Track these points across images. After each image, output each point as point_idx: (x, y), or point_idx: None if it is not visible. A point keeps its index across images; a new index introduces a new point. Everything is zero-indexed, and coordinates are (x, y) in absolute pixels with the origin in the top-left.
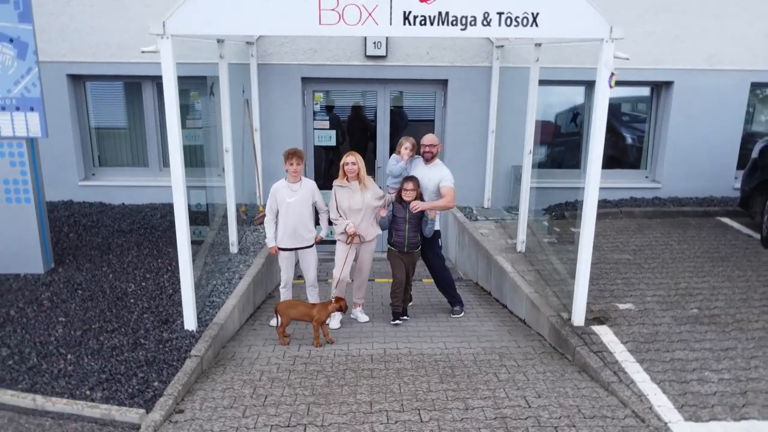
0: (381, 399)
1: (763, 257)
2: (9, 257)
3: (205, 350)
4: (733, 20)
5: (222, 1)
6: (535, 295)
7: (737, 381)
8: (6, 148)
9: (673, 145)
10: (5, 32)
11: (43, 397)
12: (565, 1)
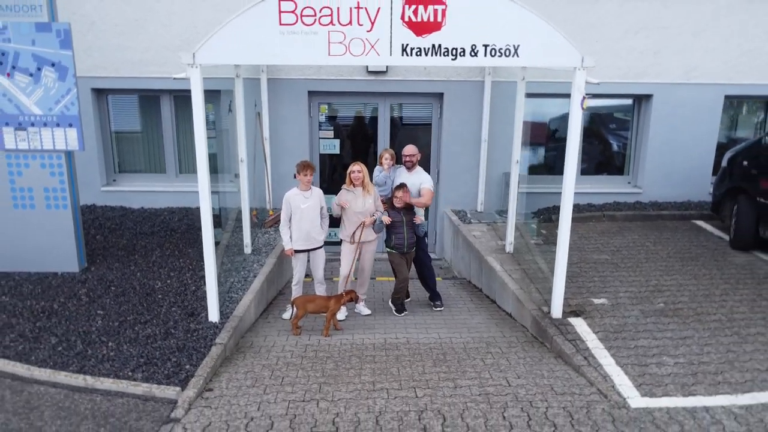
0: (382, 379)
1: (729, 257)
2: (48, 257)
3: (228, 339)
4: (709, 37)
5: (244, 36)
6: (520, 291)
7: (690, 364)
8: (47, 159)
9: (653, 153)
10: (48, 57)
11: (92, 377)
12: (543, 36)
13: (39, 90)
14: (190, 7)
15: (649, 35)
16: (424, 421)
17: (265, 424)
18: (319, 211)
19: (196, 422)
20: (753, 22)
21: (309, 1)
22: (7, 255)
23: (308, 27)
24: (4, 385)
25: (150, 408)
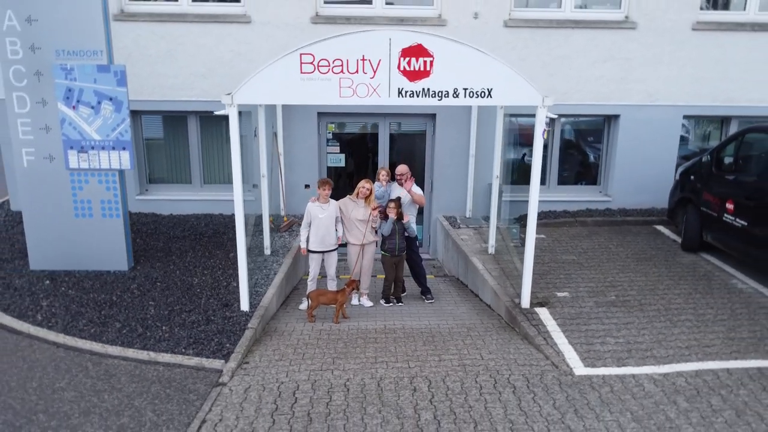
0: (382, 355)
1: (678, 258)
2: (102, 258)
3: (257, 324)
4: (667, 66)
5: (272, 82)
6: (498, 286)
7: (627, 343)
8: (103, 177)
9: (621, 165)
10: (106, 93)
11: (154, 353)
12: (510, 81)
13: (99, 120)
14: (214, 40)
15: (615, 64)
16: (414, 384)
17: (293, 386)
18: (335, 220)
19: (238, 385)
20: (703, 54)
21: (324, 55)
22: (69, 256)
23: (323, 75)
24: (86, 359)
25: (202, 375)
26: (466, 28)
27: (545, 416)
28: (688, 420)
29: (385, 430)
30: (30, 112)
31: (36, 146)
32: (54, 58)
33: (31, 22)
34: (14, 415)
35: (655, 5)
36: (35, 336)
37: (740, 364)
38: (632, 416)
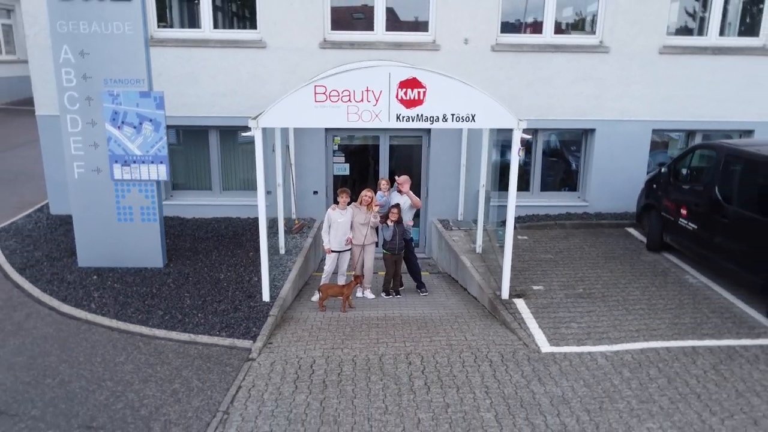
0: (383, 337)
1: (642, 257)
2: (141, 256)
3: (277, 312)
4: (638, 86)
5: (290, 109)
6: (483, 281)
7: (587, 328)
8: (143, 186)
9: (597, 173)
10: (147, 115)
11: (194, 335)
12: (491, 108)
13: (140, 138)
14: (233, 63)
15: (591, 84)
16: (409, 359)
17: (310, 361)
18: (350, 225)
19: (265, 360)
20: (670, 75)
21: (335, 86)
22: (112, 255)
23: (334, 103)
24: (137, 340)
25: (234, 353)
26: (457, 52)
27: (514, 383)
28: (629, 386)
29: (385, 393)
30: (81, 131)
31: (86, 160)
32: (103, 85)
33: (84, 55)
34: (87, 382)
35: (626, 32)
36: (92, 321)
37: (678, 344)
38: (584, 383)
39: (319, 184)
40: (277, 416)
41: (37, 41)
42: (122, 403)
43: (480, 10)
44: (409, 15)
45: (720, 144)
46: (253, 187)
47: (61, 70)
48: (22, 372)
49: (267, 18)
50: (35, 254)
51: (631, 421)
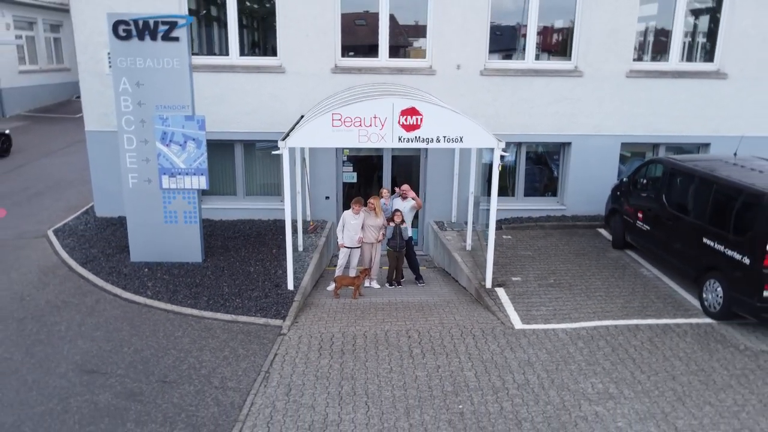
0: (387, 318)
1: (608, 253)
2: (183, 253)
3: (300, 299)
4: (608, 105)
5: (311, 133)
6: (471, 273)
7: (554, 311)
8: (186, 194)
9: (574, 181)
10: (191, 135)
11: (235, 315)
12: (476, 132)
13: (185, 154)
14: (256, 85)
15: (567, 104)
16: (409, 334)
17: (329, 335)
18: (361, 227)
19: (294, 335)
20: (636, 96)
21: (348, 114)
22: (159, 251)
23: (347, 127)
24: (189, 320)
25: (269, 329)
26: (450, 76)
27: (491, 351)
28: (581, 353)
29: (390, 358)
30: (135, 148)
31: (139, 173)
32: (154, 110)
33: (139, 86)
34: (155, 350)
35: (597, 58)
36: (150, 305)
37: (625, 322)
38: (546, 351)
39: (331, 191)
40: (307, 374)
41: (87, 68)
42: (186, 365)
43: (470, 40)
44: (409, 46)
45: (666, 159)
46: (272, 192)
47: (120, 98)
48: (102, 343)
49: (286, 47)
50: (91, 251)
51: (579, 377)
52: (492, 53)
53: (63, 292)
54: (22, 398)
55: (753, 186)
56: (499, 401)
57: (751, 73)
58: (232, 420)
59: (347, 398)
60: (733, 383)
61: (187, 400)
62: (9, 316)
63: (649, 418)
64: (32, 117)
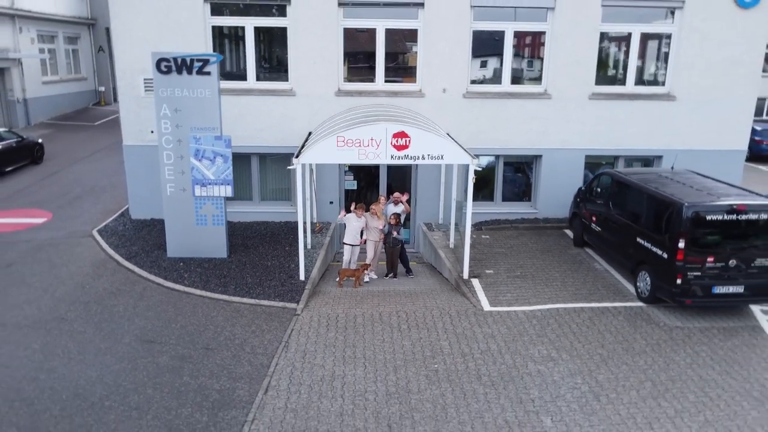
0: (382, 302)
1: (569, 250)
2: (211, 250)
3: (310, 287)
4: (573, 123)
5: (319, 151)
6: (452, 266)
7: (517, 297)
8: (215, 201)
9: (545, 188)
10: (219, 152)
11: (258, 300)
12: (455, 151)
13: (214, 167)
14: (270, 106)
15: (538, 122)
16: (398, 314)
17: (335, 315)
18: (362, 228)
19: (306, 315)
20: (597, 115)
21: (350, 137)
22: (191, 248)
23: (349, 147)
24: (221, 304)
25: (286, 311)
26: (437, 98)
27: (462, 327)
28: (534, 328)
29: (383, 332)
30: (173, 163)
31: (175, 183)
32: (189, 132)
33: (177, 111)
34: (196, 326)
35: (563, 83)
36: (188, 292)
37: (572, 305)
38: (506, 327)
39: (334, 196)
40: (318, 343)
41: (125, 91)
42: (223, 337)
43: (454, 68)
44: (403, 72)
45: (612, 172)
46: (283, 198)
47: (161, 121)
48: (154, 321)
49: (296, 73)
50: (132, 248)
51: (529, 346)
52: (474, 79)
53: (115, 281)
54: (100, 360)
55: (672, 197)
56: (465, 362)
57: (695, 96)
58: (262, 375)
59: (349, 360)
60: (648, 350)
61: (226, 362)
62: (77, 299)
63: (577, 374)
64: (55, 125)
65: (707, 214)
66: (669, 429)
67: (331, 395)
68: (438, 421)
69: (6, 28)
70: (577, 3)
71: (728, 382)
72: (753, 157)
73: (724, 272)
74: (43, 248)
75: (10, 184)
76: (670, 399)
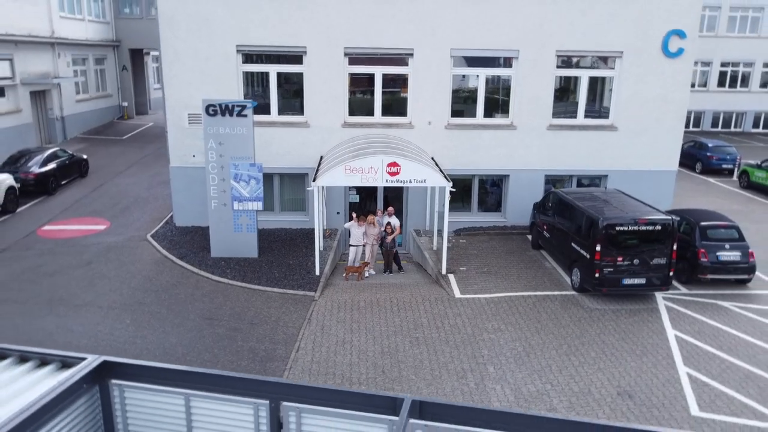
0: (379, 292)
1: (527, 252)
2: (245, 250)
3: (324, 280)
4: (535, 149)
5: (331, 176)
6: (434, 265)
7: (482, 287)
8: (249, 214)
9: (512, 201)
10: (253, 175)
11: (284, 289)
12: (435, 176)
13: (249, 187)
14: (289, 135)
15: (506, 148)
16: (392, 300)
17: (343, 301)
18: (362, 234)
19: (322, 300)
20: (554, 143)
21: (354, 166)
22: (230, 249)
23: (354, 173)
24: (257, 292)
25: (306, 298)
26: (424, 129)
27: (438, 309)
28: (491, 309)
29: (379, 312)
30: (217, 184)
31: (218, 199)
32: (230, 160)
33: (220, 144)
34: (242, 308)
35: (526, 116)
36: (231, 284)
37: (522, 294)
38: (471, 308)
39: (340, 207)
40: (332, 320)
41: (173, 123)
42: (262, 315)
43: (437, 105)
44: (396, 107)
45: (556, 191)
46: (299, 209)
47: (208, 152)
48: (209, 304)
49: (310, 109)
50: (181, 250)
51: (486, 322)
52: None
53: (174, 275)
54: (175, 331)
55: (592, 212)
56: (438, 332)
57: (633, 127)
58: (293, 340)
59: (355, 331)
60: (571, 324)
61: (267, 332)
62: (148, 289)
63: (517, 340)
64: (88, 139)
65: (617, 226)
66: (572, 373)
67: (342, 353)
68: (416, 369)
69: (47, 55)
70: (536, 53)
71: (621, 345)
72: (705, 171)
73: (630, 268)
74: (112, 250)
75: (67, 196)
76: (577, 355)
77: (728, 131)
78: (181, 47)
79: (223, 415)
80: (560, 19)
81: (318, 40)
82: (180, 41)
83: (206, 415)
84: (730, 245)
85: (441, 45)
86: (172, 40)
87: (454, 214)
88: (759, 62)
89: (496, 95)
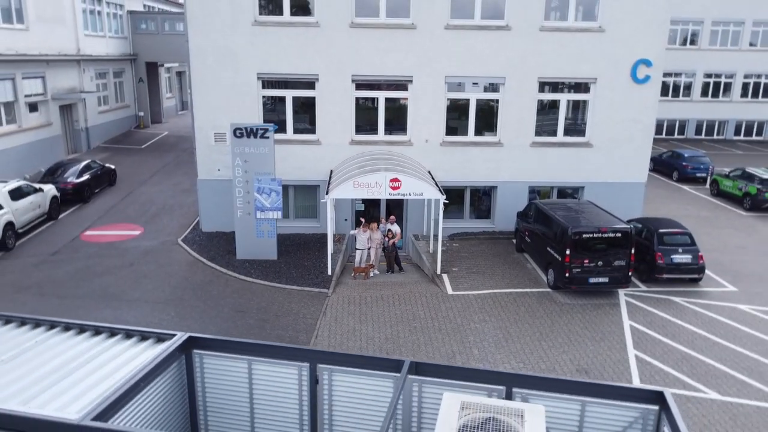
0: (383, 289)
1: (512, 255)
2: (266, 253)
3: (335, 279)
4: (519, 163)
5: (342, 190)
6: (430, 266)
7: (471, 285)
8: (270, 222)
9: (500, 209)
10: (274, 188)
11: (301, 287)
12: (430, 190)
13: (270, 199)
14: (304, 151)
15: (494, 162)
16: (393, 296)
17: (353, 296)
18: (367, 239)
19: (335, 296)
20: (537, 158)
21: (361, 181)
22: (253, 252)
23: (361, 188)
24: (278, 289)
25: (322, 294)
26: (422, 146)
27: (434, 303)
28: (478, 304)
29: (382, 306)
30: (242, 196)
31: (243, 209)
32: (254, 175)
33: (246, 161)
34: (267, 302)
35: (512, 134)
36: (256, 282)
37: (505, 291)
38: (461, 303)
39: (347, 215)
40: (343, 312)
41: (201, 141)
42: (285, 308)
43: (433, 125)
44: (397, 127)
45: (536, 201)
46: (310, 216)
47: (235, 168)
48: (239, 299)
49: (322, 128)
50: (210, 253)
51: (473, 314)
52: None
53: (206, 275)
54: (213, 321)
55: (563, 221)
56: (432, 322)
57: (607, 144)
58: (312, 329)
59: (363, 321)
60: (544, 316)
61: (290, 322)
62: (185, 286)
63: (498, 329)
64: (109, 148)
65: (584, 233)
66: (541, 355)
67: (353, 339)
68: (414, 352)
69: (74, 71)
70: (521, 79)
71: (584, 333)
72: (681, 179)
73: (595, 269)
74: (149, 253)
75: (100, 204)
76: (547, 341)
77: (711, 138)
78: (209, 76)
79: (276, 375)
80: (541, 52)
81: (329, 69)
82: (208, 70)
83: (263, 375)
84: (683, 249)
85: (437, 73)
86: (201, 70)
87: (448, 220)
88: (740, 73)
89: (485, 116)
